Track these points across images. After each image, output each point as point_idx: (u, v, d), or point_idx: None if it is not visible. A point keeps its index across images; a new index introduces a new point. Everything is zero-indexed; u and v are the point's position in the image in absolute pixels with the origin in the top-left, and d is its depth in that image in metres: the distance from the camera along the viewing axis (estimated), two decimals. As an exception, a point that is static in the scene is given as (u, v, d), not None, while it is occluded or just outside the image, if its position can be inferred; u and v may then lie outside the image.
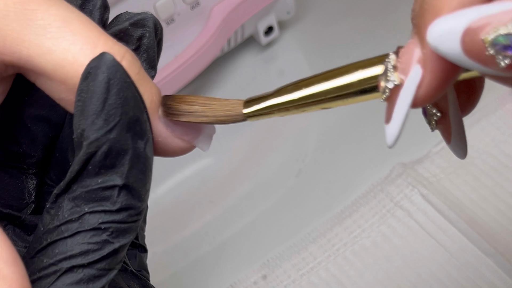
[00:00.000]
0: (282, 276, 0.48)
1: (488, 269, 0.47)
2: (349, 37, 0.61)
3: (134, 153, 0.25)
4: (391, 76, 0.23)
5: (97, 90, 0.25)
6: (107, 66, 0.25)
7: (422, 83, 0.23)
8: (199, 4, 0.54)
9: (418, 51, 0.23)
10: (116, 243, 0.25)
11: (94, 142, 0.25)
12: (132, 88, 0.25)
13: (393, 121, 0.24)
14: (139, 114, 0.25)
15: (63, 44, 0.25)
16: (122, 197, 0.25)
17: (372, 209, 0.50)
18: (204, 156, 0.56)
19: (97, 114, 0.25)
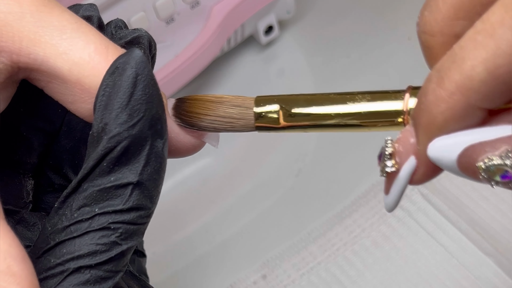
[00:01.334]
0: (282, 276, 0.48)
1: (488, 269, 0.47)
2: (349, 36, 0.61)
3: (152, 151, 0.25)
4: (388, 162, 0.26)
5: (124, 84, 0.25)
6: (136, 61, 0.25)
7: (417, 172, 0.25)
8: (199, 3, 0.54)
9: (413, 142, 0.25)
10: (124, 245, 0.25)
11: (115, 137, 0.25)
12: (157, 86, 0.26)
13: (391, 196, 0.26)
14: (161, 113, 0.26)
15: (79, 45, 0.26)
16: (134, 196, 0.25)
17: (372, 209, 0.50)
18: (204, 156, 0.56)
19: (122, 108, 0.25)
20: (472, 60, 0.22)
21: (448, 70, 0.23)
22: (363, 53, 0.60)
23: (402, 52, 0.59)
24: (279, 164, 0.55)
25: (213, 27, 0.54)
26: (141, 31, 0.28)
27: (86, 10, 0.28)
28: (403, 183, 0.25)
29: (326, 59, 0.60)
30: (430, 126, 0.24)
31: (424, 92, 0.24)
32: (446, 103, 0.23)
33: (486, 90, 0.22)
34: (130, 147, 0.25)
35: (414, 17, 0.67)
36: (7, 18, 0.25)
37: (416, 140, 0.25)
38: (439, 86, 0.23)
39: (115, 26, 0.29)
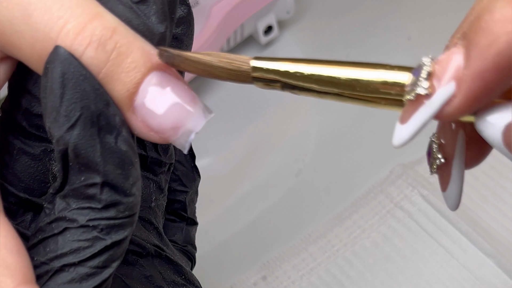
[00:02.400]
0: (282, 277, 0.48)
1: (488, 269, 0.47)
2: (348, 36, 0.61)
3: (103, 148, 0.24)
4: (423, 82, 0.22)
5: (53, 86, 0.24)
6: (60, 60, 0.24)
7: (451, 102, 0.22)
8: (198, 3, 0.54)
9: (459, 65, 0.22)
10: (108, 240, 0.25)
11: (60, 140, 0.24)
12: (91, 81, 0.24)
13: (408, 125, 0.23)
14: (102, 108, 0.24)
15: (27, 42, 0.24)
16: (105, 194, 0.24)
17: (372, 210, 0.50)
18: (204, 156, 0.56)
19: (57, 111, 0.24)
20: None
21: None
22: (362, 53, 0.60)
23: (402, 52, 0.59)
24: (279, 164, 0.55)
25: (213, 27, 0.54)
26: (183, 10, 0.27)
27: None
28: (433, 110, 0.22)
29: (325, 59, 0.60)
30: (490, 48, 0.21)
31: (489, 9, 0.21)
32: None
33: None
34: (78, 149, 0.24)
35: (414, 17, 0.68)
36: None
37: (465, 63, 0.22)
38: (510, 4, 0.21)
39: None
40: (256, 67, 0.25)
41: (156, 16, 0.26)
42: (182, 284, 0.32)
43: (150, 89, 0.25)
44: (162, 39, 0.26)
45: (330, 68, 0.25)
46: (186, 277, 0.32)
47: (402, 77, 0.23)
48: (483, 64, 0.21)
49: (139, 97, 0.25)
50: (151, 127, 0.25)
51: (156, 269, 0.31)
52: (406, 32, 0.60)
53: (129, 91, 0.24)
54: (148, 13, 0.26)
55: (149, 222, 0.32)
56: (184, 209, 0.36)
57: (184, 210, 0.36)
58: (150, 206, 0.32)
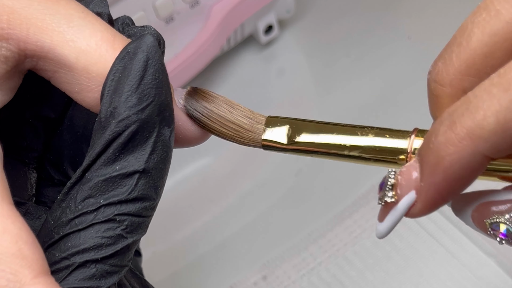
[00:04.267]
0: (282, 277, 0.48)
1: (489, 269, 0.47)
2: (349, 36, 0.61)
3: (159, 138, 0.25)
4: (389, 193, 0.27)
5: (135, 68, 0.25)
6: (148, 45, 0.25)
7: (414, 207, 0.27)
8: (198, 3, 0.54)
9: (416, 177, 0.26)
10: (129, 238, 0.25)
11: (124, 120, 0.25)
12: (166, 73, 0.26)
13: (384, 224, 0.28)
14: (170, 100, 0.26)
15: (86, 33, 0.26)
16: (140, 185, 0.25)
17: (372, 209, 0.50)
18: (204, 155, 0.56)
19: (132, 92, 0.25)
20: (485, 110, 0.23)
21: (461, 116, 0.24)
22: (363, 53, 0.60)
23: (402, 52, 0.59)
24: (279, 164, 0.55)
25: (213, 26, 0.54)
26: (150, 29, 0.28)
27: (96, 6, 0.28)
28: (399, 214, 0.27)
29: (326, 59, 0.60)
30: (436, 166, 0.25)
31: (435, 132, 0.25)
32: (455, 146, 0.24)
33: (495, 141, 0.23)
34: (138, 132, 0.25)
35: (414, 17, 0.68)
36: (14, 5, 0.26)
37: (420, 177, 0.26)
38: (451, 129, 0.24)
39: (122, 23, 0.29)
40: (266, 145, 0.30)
41: None
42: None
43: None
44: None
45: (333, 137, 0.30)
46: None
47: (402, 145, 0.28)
48: (434, 178, 0.25)
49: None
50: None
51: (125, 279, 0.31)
52: (406, 32, 0.60)
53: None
54: None
55: None
56: None
57: None
58: None
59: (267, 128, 0.29)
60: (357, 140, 0.30)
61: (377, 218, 0.28)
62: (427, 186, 0.26)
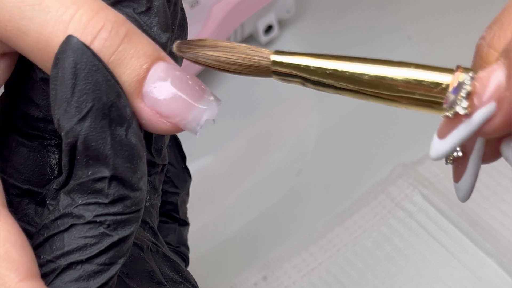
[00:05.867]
0: (282, 277, 0.48)
1: (489, 269, 0.47)
2: (348, 35, 0.61)
3: (114, 141, 0.24)
4: (463, 102, 0.22)
5: (65, 77, 0.23)
6: (73, 50, 0.23)
7: (491, 122, 0.22)
8: (198, 3, 0.54)
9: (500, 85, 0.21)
10: (115, 236, 0.24)
11: (70, 132, 0.24)
12: (103, 72, 0.24)
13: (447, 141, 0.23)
14: (114, 99, 0.24)
15: (36, 26, 0.24)
16: (113, 188, 0.24)
17: (373, 210, 0.50)
18: (204, 155, 0.56)
19: (68, 102, 0.23)
20: None
21: None
22: (363, 53, 0.59)
23: (402, 52, 0.59)
24: (279, 164, 0.55)
25: (213, 26, 0.54)
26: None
27: None
28: (472, 129, 0.22)
29: (326, 59, 0.60)
30: None
31: None
32: None
33: None
34: (88, 140, 0.24)
35: (414, 17, 0.68)
36: None
37: (507, 84, 0.21)
38: None
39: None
40: (277, 61, 0.25)
41: (159, 26, 0.26)
42: (180, 281, 0.31)
43: (159, 75, 0.24)
44: (164, 49, 0.26)
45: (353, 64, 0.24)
46: (183, 275, 0.32)
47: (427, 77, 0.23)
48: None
49: (147, 83, 0.24)
50: (160, 113, 0.25)
51: (156, 265, 0.30)
52: (406, 32, 0.60)
53: (139, 75, 0.24)
54: (151, 24, 0.26)
55: (144, 222, 0.32)
56: (176, 210, 0.36)
57: (176, 211, 0.36)
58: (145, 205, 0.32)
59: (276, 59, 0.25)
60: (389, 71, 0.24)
61: (437, 133, 0.23)
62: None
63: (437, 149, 0.23)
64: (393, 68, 0.24)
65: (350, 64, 0.24)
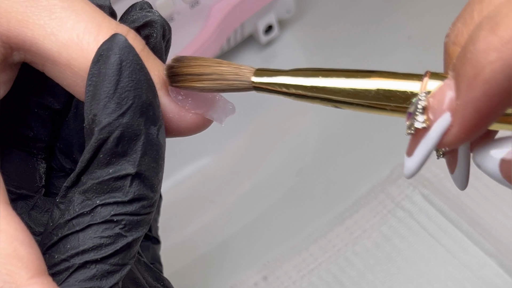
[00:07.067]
0: (283, 277, 0.48)
1: (489, 269, 0.47)
2: (349, 35, 0.61)
3: (147, 139, 0.25)
4: (420, 117, 0.23)
5: (109, 73, 0.24)
6: (120, 47, 0.24)
7: (449, 132, 0.23)
8: (198, 3, 0.54)
9: (451, 96, 0.22)
10: (129, 237, 0.25)
11: (106, 128, 0.24)
12: (145, 71, 0.25)
13: (414, 157, 0.24)
14: (152, 99, 0.25)
15: (68, 24, 0.25)
16: (134, 186, 0.25)
17: (373, 210, 0.50)
18: (204, 156, 0.56)
19: (109, 97, 0.24)
20: None
21: (506, 17, 0.20)
22: (363, 53, 0.60)
23: (402, 52, 0.59)
24: (279, 164, 0.55)
25: (213, 26, 0.54)
26: (155, 14, 0.27)
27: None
28: (432, 142, 0.23)
29: (326, 59, 0.60)
30: (475, 78, 0.21)
31: (473, 40, 0.21)
32: (498, 52, 0.20)
33: None
34: (123, 137, 0.24)
35: (414, 17, 0.67)
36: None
37: (456, 95, 0.22)
38: (493, 32, 0.21)
39: (140, 8, 0.28)
40: (256, 82, 0.26)
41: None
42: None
43: None
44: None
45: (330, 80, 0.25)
46: (165, 283, 0.33)
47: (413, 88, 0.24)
48: (472, 93, 0.21)
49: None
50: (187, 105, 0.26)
51: (140, 273, 0.31)
52: (406, 32, 0.60)
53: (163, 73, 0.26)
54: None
55: None
56: (149, 229, 0.36)
57: (149, 229, 0.36)
58: None
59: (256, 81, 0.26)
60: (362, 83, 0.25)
61: (406, 152, 0.24)
62: (464, 104, 0.22)
63: (408, 167, 0.24)
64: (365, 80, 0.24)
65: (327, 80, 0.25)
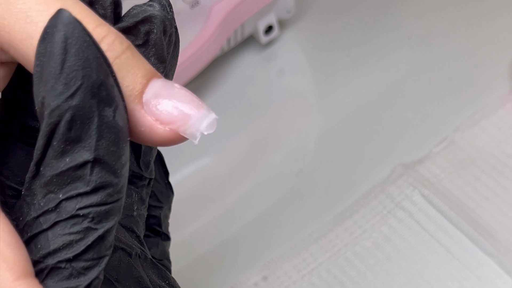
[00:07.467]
0: (283, 277, 0.48)
1: (489, 269, 0.47)
2: (349, 36, 0.61)
3: (101, 121, 0.23)
4: None
5: (54, 51, 0.22)
6: (64, 23, 0.22)
7: None
8: (198, 3, 0.54)
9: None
10: (100, 229, 0.24)
11: (55, 110, 0.23)
12: (93, 49, 0.23)
13: None
14: (104, 78, 0.23)
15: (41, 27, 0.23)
16: (95, 174, 0.23)
17: (373, 210, 0.50)
18: (204, 156, 0.56)
19: (56, 78, 0.22)
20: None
21: None
22: (363, 53, 0.60)
23: (402, 52, 0.59)
24: (279, 164, 0.55)
25: (213, 27, 0.54)
26: (155, 9, 0.26)
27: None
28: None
29: (326, 59, 0.60)
30: None
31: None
32: None
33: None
34: (75, 120, 0.23)
35: (414, 17, 0.68)
36: None
37: None
38: None
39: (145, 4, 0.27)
40: None
41: (156, 57, 0.26)
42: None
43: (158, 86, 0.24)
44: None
45: None
46: (170, 282, 0.32)
47: None
48: None
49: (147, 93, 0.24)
50: (160, 119, 0.25)
51: (144, 271, 0.30)
52: (406, 32, 0.60)
53: (141, 83, 0.24)
54: (148, 55, 0.26)
55: (131, 230, 0.31)
56: (159, 224, 0.36)
57: (158, 225, 0.36)
58: (132, 214, 0.32)
59: None
60: None
61: None
62: None
63: None
64: None
65: None
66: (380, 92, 0.57)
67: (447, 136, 0.53)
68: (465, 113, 0.54)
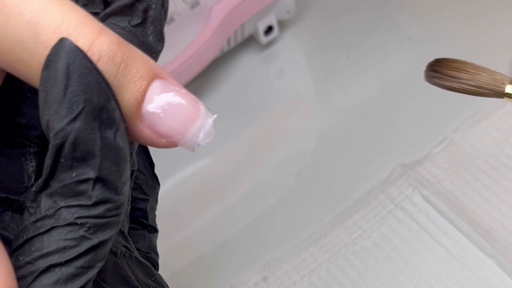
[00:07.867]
0: (282, 278, 0.48)
1: (489, 269, 0.47)
2: (349, 36, 0.61)
3: (103, 143, 0.24)
4: None
5: (57, 78, 0.24)
6: (66, 52, 0.24)
7: None
8: (198, 3, 0.54)
9: None
10: (94, 239, 0.24)
11: (59, 133, 0.24)
12: (95, 74, 0.24)
13: None
14: (104, 102, 0.24)
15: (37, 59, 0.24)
16: (97, 190, 0.24)
17: (373, 210, 0.50)
18: (204, 156, 0.56)
19: (59, 103, 0.24)
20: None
21: None
22: (363, 53, 0.60)
23: (402, 52, 0.59)
24: (279, 164, 0.55)
25: (213, 27, 0.54)
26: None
27: None
28: None
29: (326, 59, 0.60)
30: None
31: None
32: None
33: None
34: (78, 142, 0.24)
35: (414, 17, 0.68)
36: None
37: None
38: None
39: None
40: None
41: (154, 35, 0.27)
42: (153, 286, 0.32)
43: (156, 96, 0.25)
44: (158, 55, 0.27)
45: None
46: (156, 279, 0.32)
47: None
48: None
49: (145, 105, 0.25)
50: (159, 132, 0.26)
51: (130, 270, 0.31)
52: (406, 32, 0.60)
53: (137, 99, 0.25)
54: (146, 33, 0.27)
55: None
56: (145, 217, 0.36)
57: (145, 217, 0.36)
58: None
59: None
60: None
61: None
62: None
63: None
64: None
65: None
66: (380, 92, 0.57)
67: (447, 137, 0.53)
68: (465, 114, 0.54)
